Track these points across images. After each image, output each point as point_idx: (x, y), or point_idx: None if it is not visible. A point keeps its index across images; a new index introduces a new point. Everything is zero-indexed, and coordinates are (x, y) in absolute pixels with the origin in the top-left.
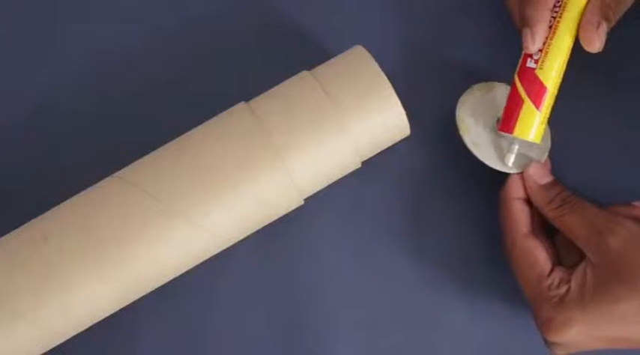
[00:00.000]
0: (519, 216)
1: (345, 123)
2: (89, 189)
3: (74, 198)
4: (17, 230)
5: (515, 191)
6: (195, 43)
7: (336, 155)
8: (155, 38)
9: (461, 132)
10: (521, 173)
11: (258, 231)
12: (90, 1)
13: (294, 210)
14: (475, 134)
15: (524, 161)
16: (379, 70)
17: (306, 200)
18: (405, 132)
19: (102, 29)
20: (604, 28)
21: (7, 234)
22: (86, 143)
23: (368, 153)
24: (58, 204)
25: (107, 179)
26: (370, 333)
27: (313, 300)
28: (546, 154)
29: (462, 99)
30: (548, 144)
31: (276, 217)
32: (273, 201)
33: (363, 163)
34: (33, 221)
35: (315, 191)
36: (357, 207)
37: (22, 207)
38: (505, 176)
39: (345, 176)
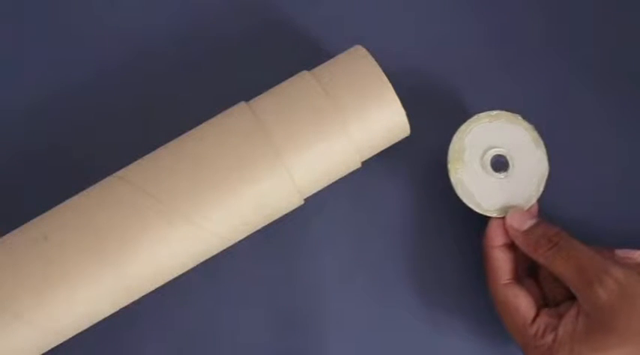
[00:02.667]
0: (499, 265)
1: (346, 122)
2: (89, 189)
3: (74, 198)
4: (17, 229)
5: (494, 239)
6: (196, 42)
7: (336, 155)
8: (155, 39)
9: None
10: (503, 217)
11: (258, 231)
12: (91, 2)
13: (294, 210)
14: (463, 169)
15: (507, 203)
16: (379, 69)
17: (306, 200)
18: (405, 131)
19: (101, 28)
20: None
21: (8, 234)
22: (86, 143)
23: (368, 153)
24: (58, 204)
25: (107, 179)
26: (370, 333)
27: (313, 300)
28: (542, 185)
29: (462, 128)
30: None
31: (276, 217)
32: (273, 201)
33: (364, 163)
34: (33, 221)
35: (315, 191)
36: (357, 207)
37: (22, 207)
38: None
39: (345, 175)
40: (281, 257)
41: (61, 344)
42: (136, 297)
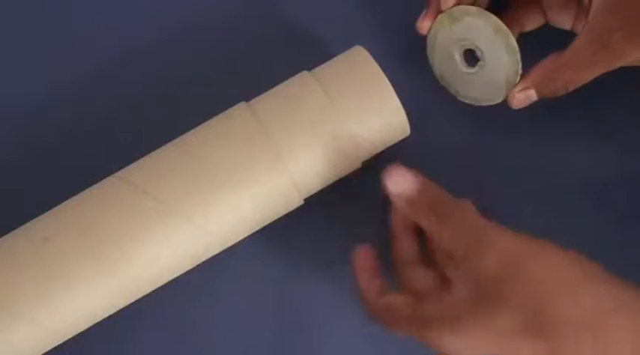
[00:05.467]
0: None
1: (345, 123)
2: (89, 189)
3: (74, 198)
4: (17, 230)
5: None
6: (195, 43)
7: (336, 155)
8: (155, 38)
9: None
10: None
11: (258, 231)
12: (89, 2)
13: (294, 210)
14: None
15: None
16: (379, 69)
17: (306, 200)
18: (405, 131)
19: (101, 30)
20: (529, 96)
21: (7, 234)
22: (86, 143)
23: (368, 153)
24: (58, 204)
25: (107, 179)
26: (370, 333)
27: (313, 300)
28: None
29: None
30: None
31: (276, 217)
32: (273, 201)
33: (363, 163)
34: (33, 221)
35: (315, 191)
36: (357, 206)
37: (22, 207)
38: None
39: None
40: (281, 256)
41: (61, 344)
42: (135, 298)
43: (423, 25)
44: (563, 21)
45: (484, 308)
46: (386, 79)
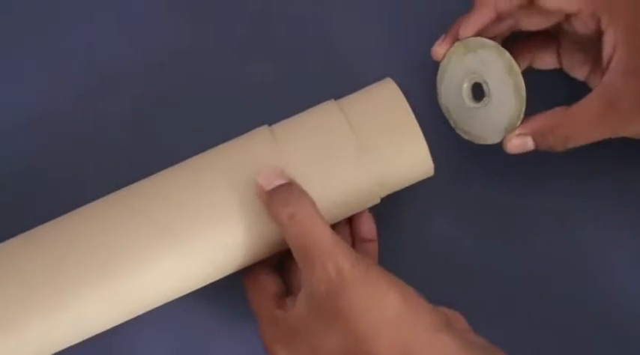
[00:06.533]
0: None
1: (367, 158)
2: (90, 206)
3: (69, 215)
4: (13, 240)
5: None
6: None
7: (354, 190)
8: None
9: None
10: None
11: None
12: (93, 9)
13: None
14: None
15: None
16: (407, 106)
17: None
18: (429, 173)
19: (105, 43)
20: (526, 143)
21: (1, 244)
22: (91, 158)
23: (388, 190)
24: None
25: (117, 198)
26: None
27: None
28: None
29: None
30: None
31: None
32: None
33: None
34: (31, 231)
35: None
36: None
37: (21, 220)
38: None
39: None
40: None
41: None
42: (130, 317)
43: (438, 50)
44: (578, 71)
45: (313, 324)
46: (413, 117)
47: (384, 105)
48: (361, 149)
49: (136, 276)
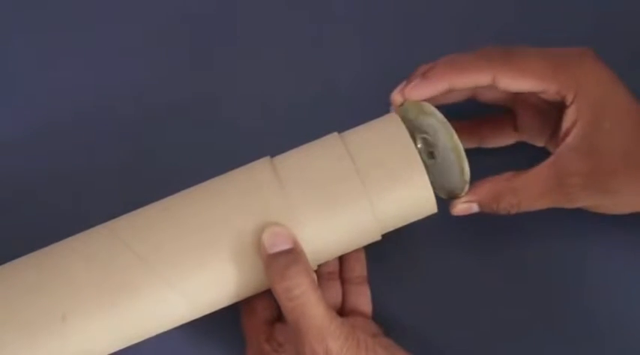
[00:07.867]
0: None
1: (368, 194)
2: (81, 236)
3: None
4: (7, 265)
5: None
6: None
7: (354, 225)
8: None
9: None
10: None
11: None
12: (94, 15)
13: None
14: None
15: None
16: (411, 142)
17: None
18: (432, 210)
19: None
20: (471, 208)
21: None
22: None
23: (390, 226)
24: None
25: (107, 231)
26: None
27: None
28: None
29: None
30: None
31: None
32: None
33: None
34: (32, 254)
35: (325, 260)
36: None
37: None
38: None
39: None
40: None
41: None
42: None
43: (396, 98)
44: (537, 139)
45: None
46: (417, 154)
47: (386, 139)
48: (362, 185)
49: (122, 311)
